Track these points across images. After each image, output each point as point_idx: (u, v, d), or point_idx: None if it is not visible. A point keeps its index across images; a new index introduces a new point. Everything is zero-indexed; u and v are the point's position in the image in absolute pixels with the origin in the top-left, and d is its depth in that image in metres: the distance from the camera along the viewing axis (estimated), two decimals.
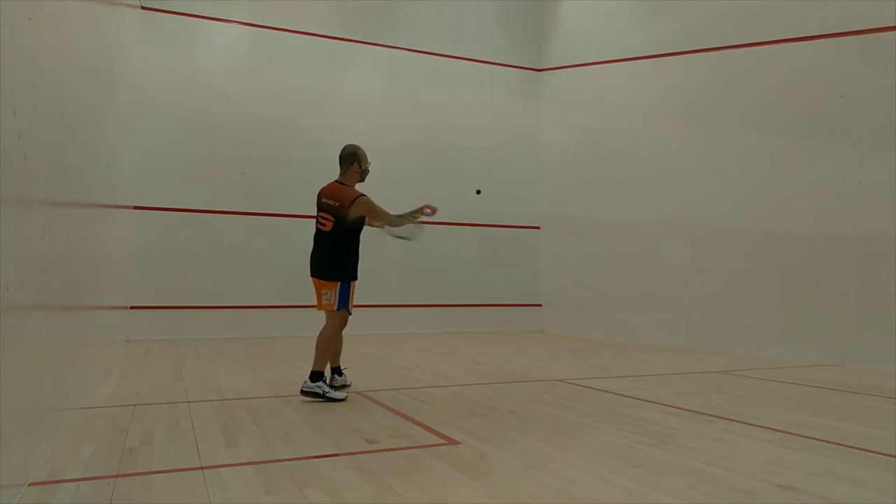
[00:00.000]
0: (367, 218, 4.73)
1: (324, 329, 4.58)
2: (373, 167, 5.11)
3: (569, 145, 10.22)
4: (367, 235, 4.94)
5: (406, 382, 5.03)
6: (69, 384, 3.58)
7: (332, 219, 4.63)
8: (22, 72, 2.31)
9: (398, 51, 10.03)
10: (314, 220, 4.79)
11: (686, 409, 4.04)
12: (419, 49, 10.14)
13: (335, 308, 4.59)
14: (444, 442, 3.13)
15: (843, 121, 6.74)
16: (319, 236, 4.70)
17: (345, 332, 4.82)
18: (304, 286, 9.01)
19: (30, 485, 2.41)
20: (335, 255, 4.66)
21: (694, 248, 8.34)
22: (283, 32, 9.34)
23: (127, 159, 7.41)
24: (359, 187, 4.91)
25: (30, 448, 2.54)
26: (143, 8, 8.49)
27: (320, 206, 4.74)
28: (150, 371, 5.51)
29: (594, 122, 9.81)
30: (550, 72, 10.69)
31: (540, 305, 10.67)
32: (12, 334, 2.20)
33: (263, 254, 8.95)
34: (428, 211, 4.69)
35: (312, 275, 4.72)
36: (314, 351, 4.43)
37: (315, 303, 4.67)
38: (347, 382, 4.77)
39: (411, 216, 4.72)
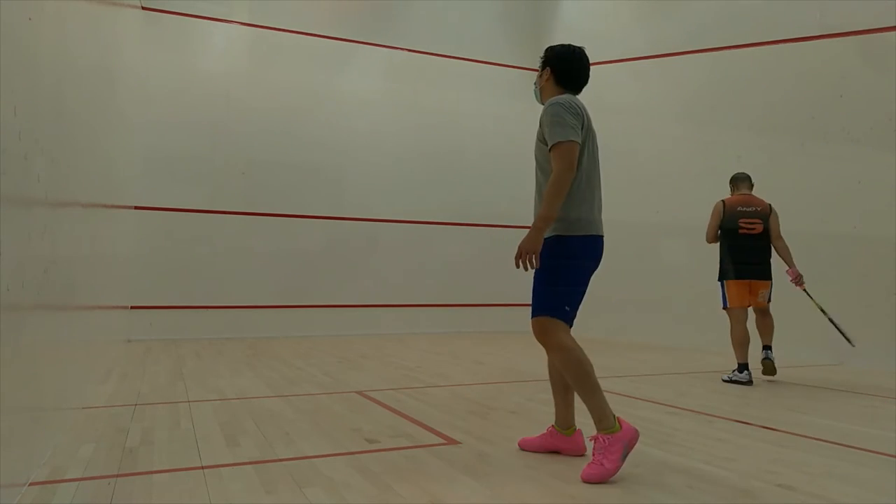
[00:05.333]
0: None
1: (770, 320, 5.34)
2: (372, 167, 5.17)
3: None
4: (361, 236, 4.97)
5: (406, 382, 5.04)
6: (70, 384, 3.59)
7: (760, 221, 5.33)
8: (22, 72, 2.31)
9: (398, 51, 10.04)
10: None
11: (686, 409, 4.04)
12: (419, 49, 10.14)
13: (767, 302, 5.31)
14: (445, 442, 3.13)
15: (843, 121, 6.74)
16: (751, 240, 5.34)
17: (347, 331, 4.86)
18: (304, 286, 9.08)
19: (30, 484, 2.42)
20: (769, 256, 5.35)
21: (693, 247, 8.33)
22: (284, 33, 9.34)
23: (127, 159, 7.41)
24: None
25: (30, 448, 2.54)
26: (143, 8, 8.49)
27: (741, 215, 5.38)
28: (150, 371, 5.51)
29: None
30: None
31: None
32: (12, 334, 2.20)
33: (263, 254, 8.96)
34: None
35: (753, 277, 5.32)
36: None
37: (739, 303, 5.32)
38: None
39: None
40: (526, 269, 2.66)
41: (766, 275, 5.36)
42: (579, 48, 3.04)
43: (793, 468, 2.72)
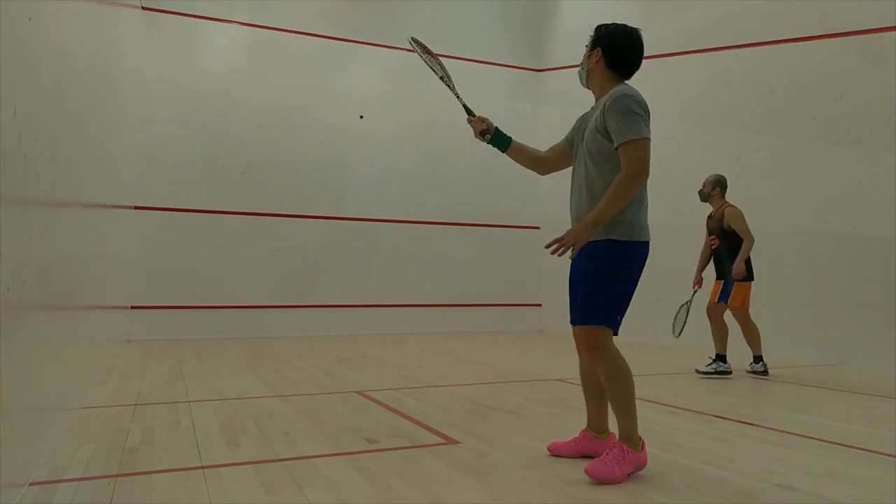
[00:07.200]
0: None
1: (746, 328, 5.75)
2: (372, 167, 5.12)
3: None
4: (361, 236, 4.95)
5: (406, 382, 5.04)
6: (70, 384, 3.59)
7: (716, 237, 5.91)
8: (23, 72, 2.32)
9: (398, 51, 10.03)
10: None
11: (685, 409, 4.04)
12: None
13: (727, 305, 5.75)
14: (445, 441, 3.13)
15: (843, 121, 6.74)
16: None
17: (347, 331, 4.85)
18: (304, 286, 9.08)
19: (30, 484, 2.42)
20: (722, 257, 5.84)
21: (693, 247, 8.32)
22: (284, 33, 9.34)
23: (127, 159, 7.42)
24: None
25: (30, 448, 2.54)
26: (143, 8, 8.49)
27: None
28: (150, 371, 5.51)
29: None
30: (550, 72, 10.69)
31: (540, 305, 10.67)
32: (13, 334, 2.20)
33: (264, 254, 8.96)
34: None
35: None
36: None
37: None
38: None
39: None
40: (558, 254, 2.52)
41: (717, 274, 5.86)
42: (635, 29, 2.78)
43: (793, 468, 2.72)
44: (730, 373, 5.49)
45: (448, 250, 10.09)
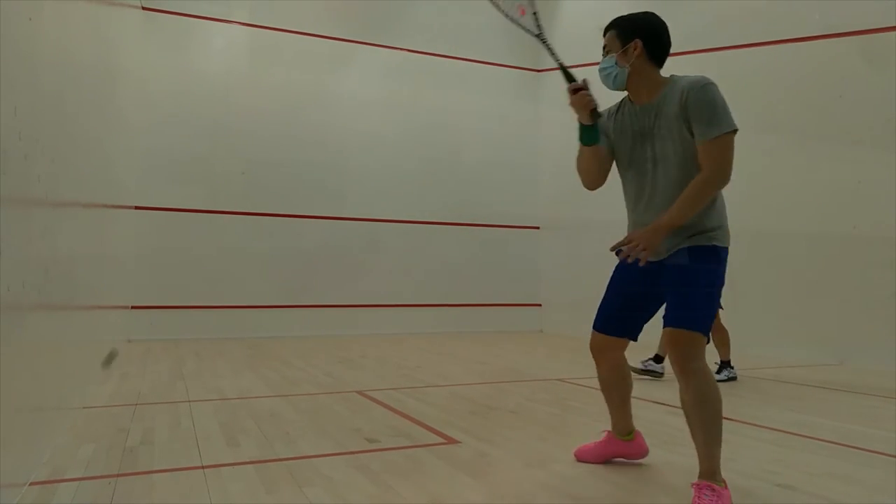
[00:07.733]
0: None
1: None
2: (372, 167, 5.11)
3: (569, 145, 10.13)
4: (361, 236, 4.93)
5: (406, 382, 5.04)
6: (70, 384, 3.59)
7: None
8: (23, 72, 2.32)
9: (398, 51, 10.03)
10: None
11: None
12: (419, 50, 10.14)
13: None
14: (445, 441, 3.13)
15: (843, 121, 6.73)
16: None
17: (347, 331, 4.84)
18: (304, 286, 9.08)
19: (31, 484, 2.42)
20: None
21: None
22: (284, 33, 9.34)
23: (127, 159, 7.42)
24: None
25: (31, 448, 2.54)
26: (143, 8, 8.49)
27: None
28: (150, 371, 5.51)
29: None
30: (550, 72, 10.68)
31: (539, 305, 10.67)
32: (13, 334, 2.20)
33: (264, 254, 8.96)
34: None
35: None
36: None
37: None
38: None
39: None
40: (629, 259, 2.31)
41: None
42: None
43: (793, 468, 2.72)
44: (736, 378, 5.41)
45: (448, 250, 10.09)
